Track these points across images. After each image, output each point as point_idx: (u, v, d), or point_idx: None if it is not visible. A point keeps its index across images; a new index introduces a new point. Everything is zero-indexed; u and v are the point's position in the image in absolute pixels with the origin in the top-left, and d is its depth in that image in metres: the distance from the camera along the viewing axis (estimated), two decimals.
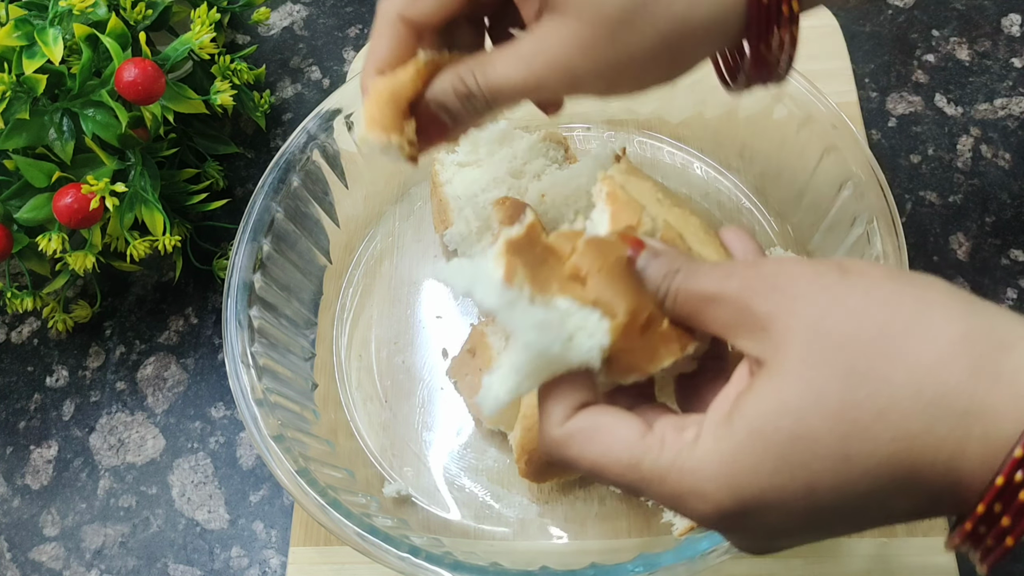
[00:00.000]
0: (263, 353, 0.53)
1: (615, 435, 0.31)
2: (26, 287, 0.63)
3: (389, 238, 0.65)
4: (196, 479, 0.60)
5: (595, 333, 0.32)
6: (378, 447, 0.57)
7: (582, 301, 0.32)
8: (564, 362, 0.31)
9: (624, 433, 0.31)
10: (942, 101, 0.68)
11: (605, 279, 0.32)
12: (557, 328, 0.31)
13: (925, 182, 0.65)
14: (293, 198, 0.59)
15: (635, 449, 0.31)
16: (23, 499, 0.61)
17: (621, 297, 0.32)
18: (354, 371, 0.60)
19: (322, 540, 0.56)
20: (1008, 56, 0.69)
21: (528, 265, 0.32)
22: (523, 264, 0.32)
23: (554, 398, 0.32)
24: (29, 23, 0.58)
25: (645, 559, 0.44)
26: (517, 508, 0.54)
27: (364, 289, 0.63)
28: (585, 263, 0.33)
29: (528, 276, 0.31)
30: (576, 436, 0.32)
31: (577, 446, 0.32)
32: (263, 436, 0.49)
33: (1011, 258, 0.61)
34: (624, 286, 0.32)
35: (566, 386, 0.32)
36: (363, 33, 0.78)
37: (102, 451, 0.62)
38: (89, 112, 0.59)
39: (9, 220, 0.60)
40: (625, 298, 0.32)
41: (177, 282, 0.68)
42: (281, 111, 0.75)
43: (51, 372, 0.66)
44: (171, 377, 0.64)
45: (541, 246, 0.33)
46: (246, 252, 0.55)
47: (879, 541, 0.52)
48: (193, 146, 0.70)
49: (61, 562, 0.59)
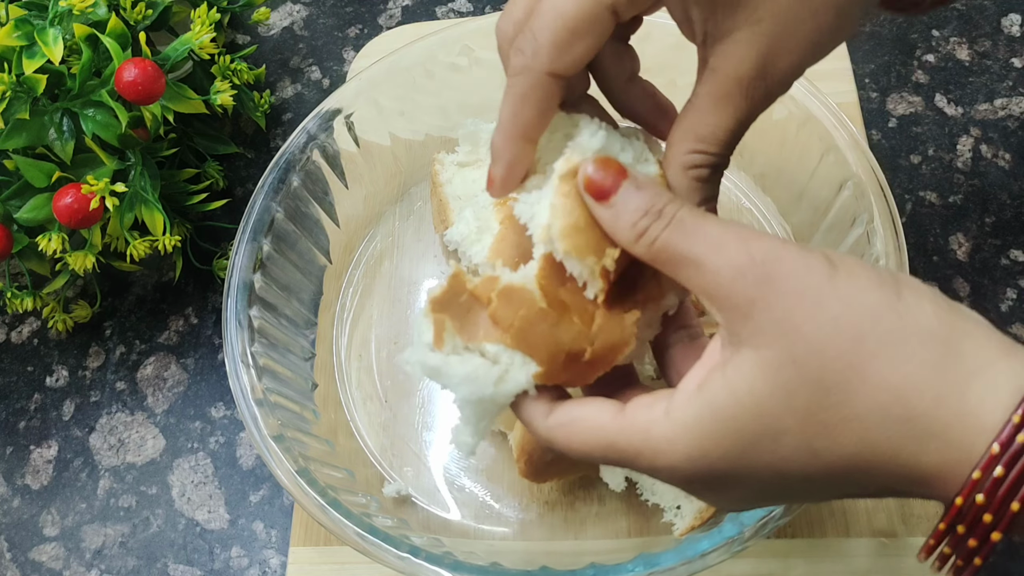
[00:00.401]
0: (263, 353, 0.53)
1: (589, 423, 0.33)
2: (26, 287, 0.63)
3: (389, 238, 0.65)
4: (196, 479, 0.60)
5: (523, 368, 0.34)
6: (378, 447, 0.57)
7: (506, 344, 0.34)
8: (505, 397, 0.34)
9: (597, 419, 0.33)
10: (942, 101, 0.68)
11: (519, 333, 0.34)
12: (484, 375, 0.34)
13: (925, 182, 0.65)
14: (293, 198, 0.59)
15: (609, 431, 0.32)
16: (23, 499, 0.61)
17: (537, 347, 0.33)
18: (354, 371, 0.60)
19: (322, 540, 0.56)
20: (1008, 56, 0.69)
21: (455, 316, 0.34)
22: (450, 317, 0.34)
23: (527, 407, 0.34)
24: (29, 23, 0.58)
25: (645, 559, 0.44)
26: (517, 508, 0.54)
27: (364, 289, 0.63)
28: (499, 316, 0.34)
29: (456, 328, 0.34)
30: (557, 431, 0.34)
31: (561, 440, 0.34)
32: (263, 436, 0.49)
33: (1011, 258, 0.61)
34: (537, 336, 0.34)
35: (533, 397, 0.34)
36: (363, 33, 0.78)
37: (102, 451, 0.62)
38: (89, 112, 0.59)
39: (9, 220, 0.60)
40: (541, 347, 0.33)
41: (177, 282, 0.68)
42: (281, 111, 0.75)
43: (51, 372, 0.66)
44: (171, 377, 0.64)
45: (466, 294, 0.35)
46: (246, 252, 0.55)
47: (878, 541, 0.52)
48: (193, 146, 0.70)
49: (61, 562, 0.59)
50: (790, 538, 0.52)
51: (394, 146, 0.65)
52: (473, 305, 0.35)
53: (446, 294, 0.35)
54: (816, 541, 0.52)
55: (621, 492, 0.52)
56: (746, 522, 0.44)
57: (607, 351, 0.34)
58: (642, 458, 0.32)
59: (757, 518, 0.44)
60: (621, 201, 0.33)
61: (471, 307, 0.35)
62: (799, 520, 0.53)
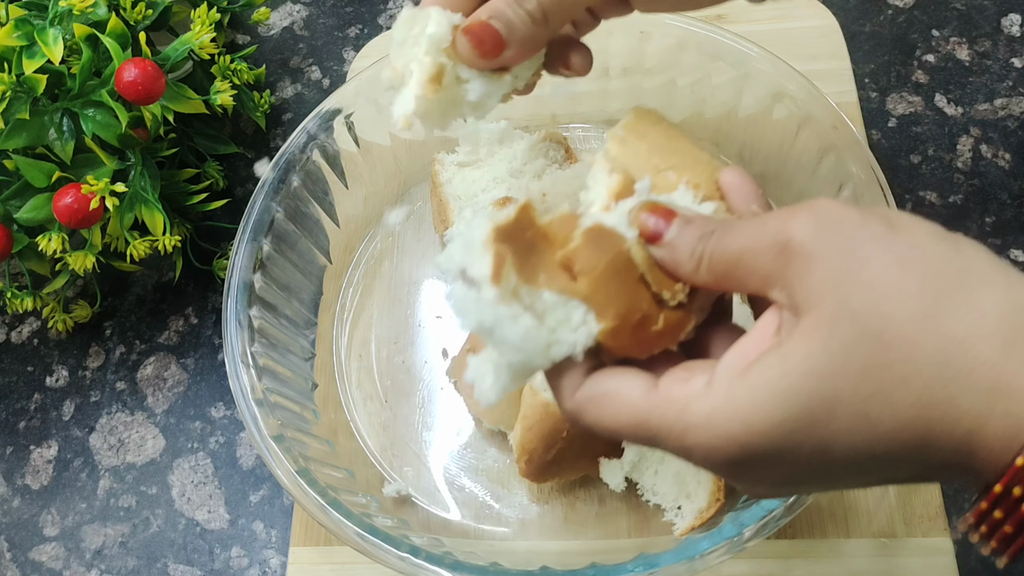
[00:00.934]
0: (263, 353, 0.53)
1: (621, 398, 0.31)
2: (26, 287, 0.63)
3: (389, 238, 0.65)
4: (196, 479, 0.60)
5: (579, 329, 0.31)
6: (378, 447, 0.57)
7: (570, 294, 0.31)
8: (547, 363, 0.32)
9: (629, 394, 0.31)
10: (942, 101, 0.68)
11: (600, 279, 0.31)
12: (535, 340, 0.31)
13: (925, 182, 0.65)
14: (293, 198, 0.59)
15: (641, 407, 0.31)
16: (23, 499, 0.61)
17: (613, 299, 0.31)
18: (354, 371, 0.60)
19: (322, 540, 0.56)
20: (1008, 56, 0.69)
21: (517, 253, 0.31)
22: (512, 252, 0.31)
23: (563, 374, 0.32)
24: (29, 23, 0.58)
25: (645, 559, 0.44)
26: (517, 508, 0.54)
27: (364, 289, 0.63)
28: (580, 257, 0.31)
29: (516, 265, 0.31)
30: (587, 405, 0.32)
31: (590, 414, 0.32)
32: (263, 436, 0.49)
33: (1011, 258, 0.61)
34: (618, 287, 0.31)
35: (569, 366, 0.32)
36: (363, 33, 0.78)
37: (102, 451, 0.62)
38: (89, 112, 0.59)
39: (9, 220, 0.60)
40: (617, 300, 0.31)
41: (177, 282, 0.68)
42: (281, 111, 0.75)
43: (51, 372, 0.66)
44: (171, 377, 0.64)
45: (533, 230, 0.32)
46: (246, 252, 0.55)
47: (879, 541, 0.52)
48: (193, 146, 0.70)
49: (61, 562, 0.59)
50: (790, 538, 0.52)
51: (394, 146, 0.65)
52: (539, 244, 0.32)
53: (513, 225, 0.31)
54: (816, 541, 0.52)
55: (621, 492, 0.52)
56: (746, 522, 0.44)
57: (676, 323, 0.32)
58: (673, 436, 0.30)
59: (757, 518, 0.44)
60: (675, 238, 0.32)
61: (536, 246, 0.32)
62: (799, 521, 0.53)
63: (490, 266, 0.30)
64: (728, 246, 0.31)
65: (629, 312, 0.31)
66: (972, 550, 0.52)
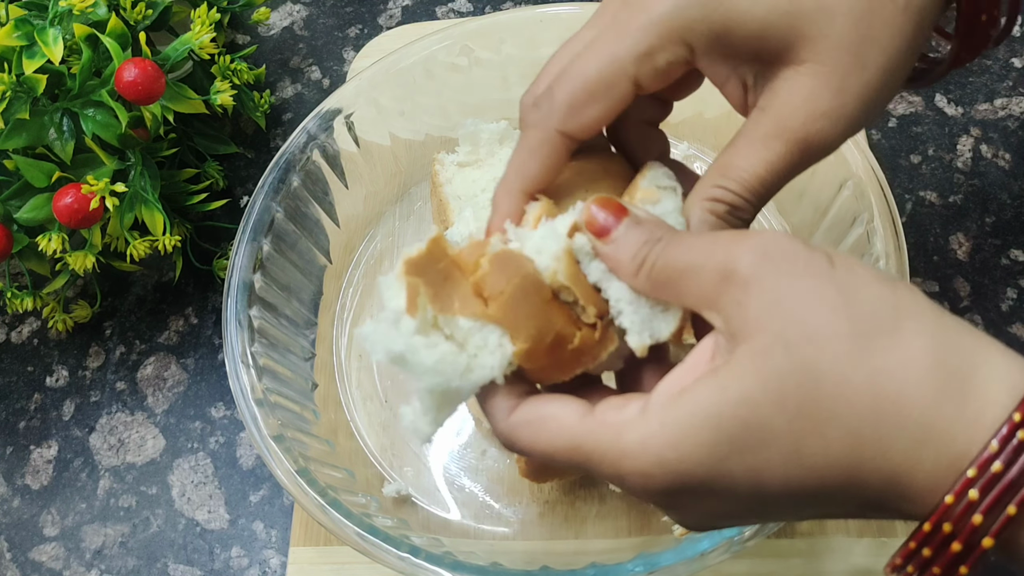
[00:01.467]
0: (263, 353, 0.53)
1: (556, 422, 0.31)
2: (26, 287, 0.63)
3: (389, 238, 0.65)
4: (196, 479, 0.60)
5: (496, 352, 0.31)
6: (378, 447, 0.57)
7: (484, 319, 0.31)
8: (471, 387, 0.32)
9: (564, 418, 0.31)
10: (942, 101, 0.68)
11: (508, 302, 0.32)
12: (452, 364, 0.31)
13: (925, 182, 0.65)
14: (293, 198, 0.59)
15: (576, 431, 0.31)
16: (23, 499, 0.61)
17: (523, 321, 0.32)
18: (354, 371, 0.60)
19: (322, 540, 0.56)
20: (1008, 56, 0.69)
21: (431, 283, 0.32)
22: (424, 283, 0.31)
23: (493, 398, 0.33)
24: (29, 23, 0.58)
25: (645, 559, 0.44)
26: (517, 508, 0.54)
27: (364, 289, 0.63)
28: (488, 282, 0.32)
29: (430, 295, 0.31)
30: (521, 428, 0.32)
31: (524, 437, 0.32)
32: (263, 436, 0.49)
33: (1011, 258, 0.61)
34: (528, 308, 0.32)
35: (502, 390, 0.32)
36: (363, 33, 0.78)
37: (102, 451, 0.62)
38: (89, 112, 0.59)
39: (9, 220, 0.60)
40: (528, 322, 0.32)
41: (177, 282, 0.68)
42: (281, 111, 0.75)
43: (51, 372, 0.66)
44: (171, 377, 0.64)
45: (446, 261, 0.33)
46: (246, 252, 0.55)
47: (879, 541, 0.52)
48: (193, 146, 0.70)
49: (61, 562, 0.59)
50: (790, 538, 0.52)
51: (394, 146, 0.65)
52: (452, 273, 0.32)
53: (423, 258, 0.32)
54: (816, 541, 0.52)
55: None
56: None
57: (594, 344, 0.33)
58: (607, 461, 0.30)
59: None
60: (621, 236, 0.32)
61: (449, 275, 0.32)
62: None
63: (404, 298, 0.31)
64: (673, 259, 0.31)
65: (541, 333, 0.32)
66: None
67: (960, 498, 0.26)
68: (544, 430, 0.31)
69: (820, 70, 0.33)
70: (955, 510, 0.27)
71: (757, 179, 0.34)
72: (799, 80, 0.34)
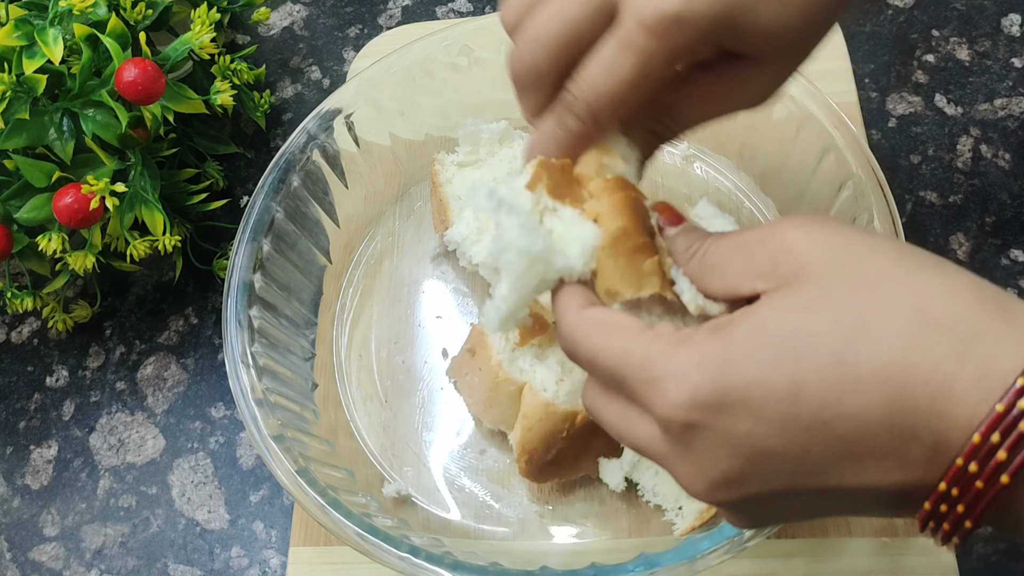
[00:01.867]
0: (263, 353, 0.53)
1: (618, 326, 0.33)
2: (26, 287, 0.63)
3: (389, 238, 0.65)
4: (196, 479, 0.60)
5: (586, 244, 0.35)
6: (378, 447, 0.57)
7: (584, 212, 0.36)
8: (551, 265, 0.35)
9: (626, 326, 0.33)
10: (942, 101, 0.68)
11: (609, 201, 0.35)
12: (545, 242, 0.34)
13: (925, 182, 0.65)
14: (293, 198, 0.59)
15: (632, 338, 0.32)
16: (23, 499, 0.61)
17: (618, 216, 0.35)
18: (354, 371, 0.60)
19: (322, 540, 0.56)
20: (1008, 56, 0.69)
21: (553, 178, 0.36)
22: (549, 176, 0.36)
23: (568, 294, 0.35)
24: (29, 23, 0.58)
25: (645, 559, 0.44)
26: (517, 508, 0.54)
27: (364, 289, 0.63)
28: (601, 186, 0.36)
29: (548, 187, 0.36)
30: (586, 322, 0.34)
31: (584, 331, 0.34)
32: (263, 436, 0.49)
33: (1011, 258, 0.61)
34: (625, 211, 0.35)
35: (578, 287, 0.35)
36: (363, 33, 0.78)
37: (102, 451, 0.62)
38: (89, 112, 0.59)
39: (9, 220, 0.60)
40: (621, 217, 0.35)
41: (177, 282, 0.68)
42: (281, 111, 0.75)
43: (51, 372, 0.66)
44: (171, 377, 0.64)
45: (570, 175, 0.37)
46: (246, 252, 0.55)
47: (880, 541, 0.52)
48: (193, 146, 0.70)
49: (61, 562, 0.59)
50: (791, 538, 0.52)
51: (394, 146, 0.65)
52: (572, 183, 0.37)
53: (556, 164, 0.37)
54: (818, 541, 0.52)
55: (621, 492, 0.52)
56: None
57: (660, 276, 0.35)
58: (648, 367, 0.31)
59: None
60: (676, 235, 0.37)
61: (570, 182, 0.37)
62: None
63: (529, 176, 0.36)
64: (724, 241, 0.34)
65: (629, 230, 0.35)
66: (973, 550, 0.52)
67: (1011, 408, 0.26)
68: (604, 329, 0.33)
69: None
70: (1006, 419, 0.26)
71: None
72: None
